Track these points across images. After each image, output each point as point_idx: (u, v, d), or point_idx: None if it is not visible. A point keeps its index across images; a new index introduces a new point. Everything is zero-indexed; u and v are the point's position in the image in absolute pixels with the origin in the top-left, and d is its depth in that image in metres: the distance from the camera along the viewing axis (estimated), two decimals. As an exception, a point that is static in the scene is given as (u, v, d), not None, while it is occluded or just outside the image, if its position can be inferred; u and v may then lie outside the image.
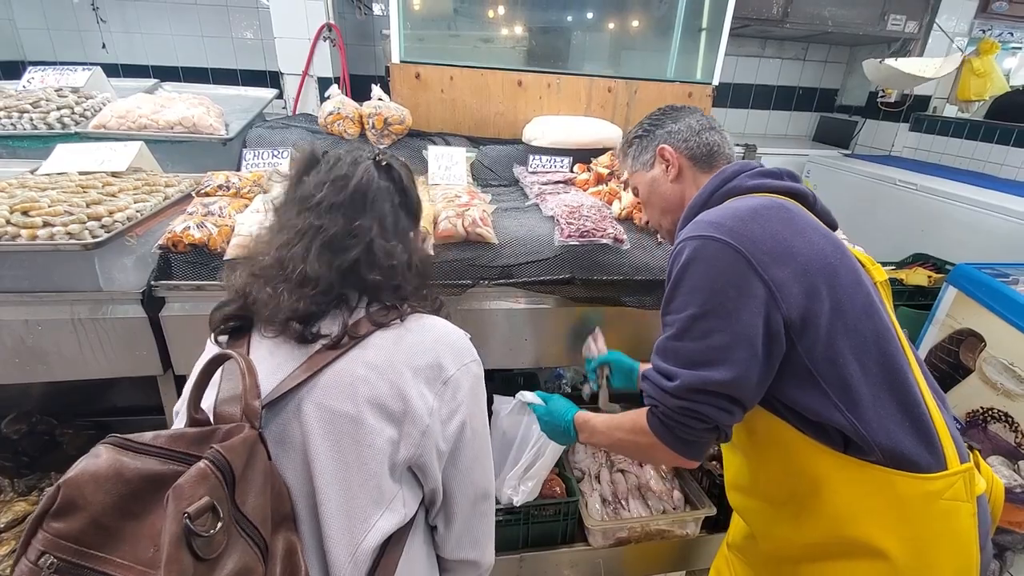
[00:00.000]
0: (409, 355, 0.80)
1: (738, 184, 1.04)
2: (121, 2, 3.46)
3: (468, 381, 0.85)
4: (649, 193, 1.21)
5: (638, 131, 1.23)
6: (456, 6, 2.94)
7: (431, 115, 2.14)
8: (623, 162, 1.29)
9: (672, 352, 0.94)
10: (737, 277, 0.88)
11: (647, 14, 3.04)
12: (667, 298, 0.97)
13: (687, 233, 0.95)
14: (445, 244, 1.42)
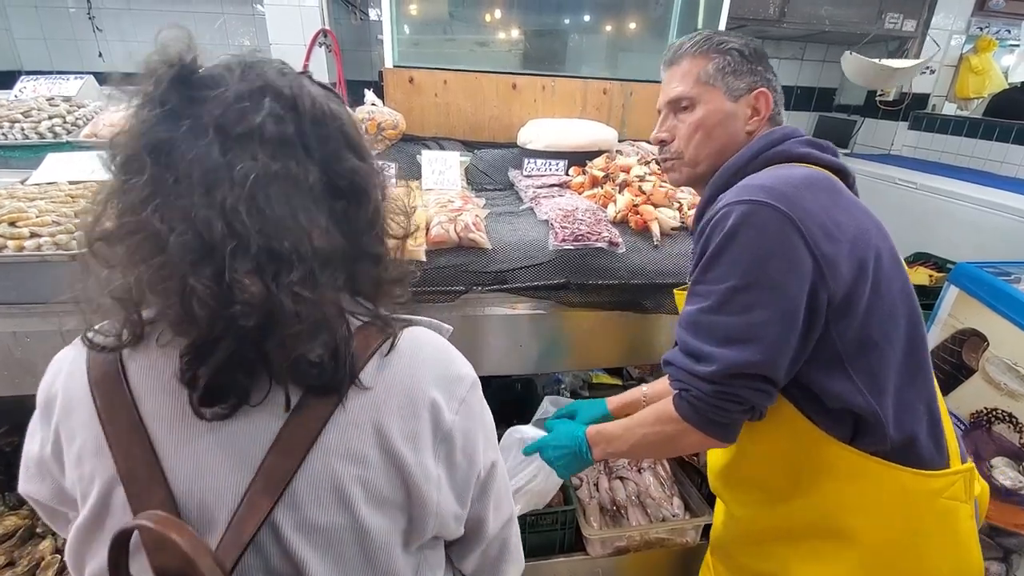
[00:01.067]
0: (397, 415, 0.61)
1: (786, 149, 0.96)
2: (117, 11, 3.47)
3: (470, 420, 0.67)
4: (713, 124, 1.01)
5: (740, 46, 1.01)
6: (451, 10, 2.95)
7: (425, 119, 2.13)
8: (692, 58, 1.03)
9: (706, 327, 0.86)
10: (788, 248, 0.82)
11: (642, 16, 3.03)
12: (704, 265, 0.88)
13: (734, 197, 0.86)
14: (438, 250, 1.41)
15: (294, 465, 0.55)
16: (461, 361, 0.70)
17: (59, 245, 1.26)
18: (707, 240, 0.89)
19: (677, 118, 1.06)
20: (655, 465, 1.75)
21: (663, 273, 1.48)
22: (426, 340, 0.68)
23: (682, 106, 1.04)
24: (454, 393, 0.66)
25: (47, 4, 3.41)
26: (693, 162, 1.05)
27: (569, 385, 2.24)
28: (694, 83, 1.02)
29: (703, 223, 0.92)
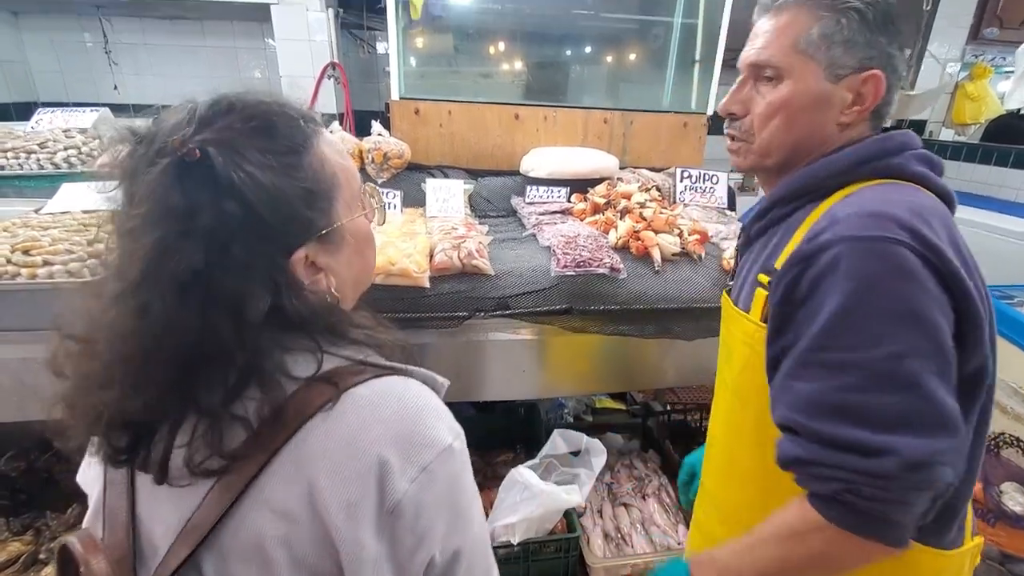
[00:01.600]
0: (335, 477, 0.53)
1: (901, 164, 0.77)
2: (133, 46, 3.58)
3: (430, 494, 0.56)
4: (798, 109, 0.81)
5: (864, 5, 0.77)
6: (456, 44, 3.03)
7: (430, 149, 2.18)
8: (797, 10, 0.80)
9: (860, 410, 0.66)
10: (940, 302, 0.66)
11: (642, 47, 3.11)
12: (831, 323, 0.67)
13: (856, 229, 0.68)
14: (442, 276, 1.43)
15: (217, 515, 0.54)
16: (438, 423, 0.59)
17: (71, 273, 1.29)
18: (817, 281, 0.69)
19: (756, 88, 0.85)
20: (659, 492, 1.73)
21: (664, 298, 1.49)
22: (397, 393, 0.59)
23: (765, 75, 0.83)
24: (414, 458, 0.55)
25: (65, 38, 3.52)
26: (763, 151, 0.86)
27: (572, 410, 2.24)
28: (789, 49, 0.80)
29: (803, 254, 0.72)
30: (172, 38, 3.58)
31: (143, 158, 0.53)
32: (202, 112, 0.55)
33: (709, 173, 2.10)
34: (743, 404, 0.90)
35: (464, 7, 2.73)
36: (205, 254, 0.51)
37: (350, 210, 0.64)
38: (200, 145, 0.51)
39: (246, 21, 3.49)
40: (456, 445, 0.59)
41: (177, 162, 0.51)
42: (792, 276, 0.73)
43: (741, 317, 0.87)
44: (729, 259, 1.57)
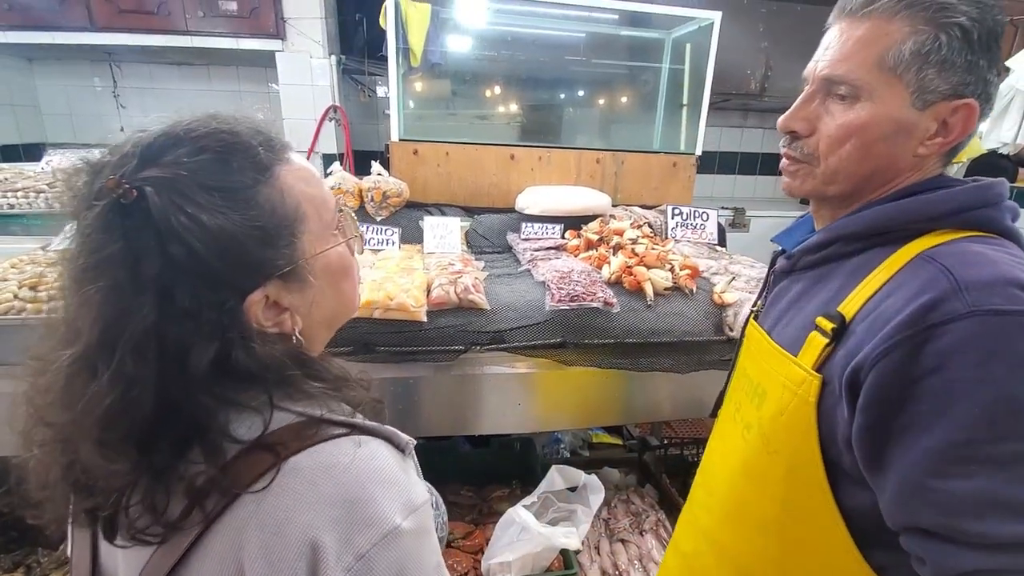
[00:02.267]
0: (261, 560, 0.48)
1: (997, 218, 0.69)
2: (141, 90, 3.71)
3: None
4: (876, 137, 0.71)
5: (970, 23, 0.66)
6: (454, 88, 3.16)
7: (428, 187, 2.25)
8: (887, 20, 0.68)
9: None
10: None
11: (632, 91, 3.24)
12: (989, 411, 0.57)
13: (999, 302, 0.58)
14: (439, 311, 1.46)
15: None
16: (386, 498, 0.51)
17: (75, 308, 1.31)
18: (949, 358, 0.59)
19: (825, 106, 0.75)
20: (657, 527, 1.72)
21: (657, 332, 1.52)
22: (343, 464, 0.51)
23: (839, 92, 0.72)
24: (351, 544, 0.48)
25: (76, 83, 3.65)
26: (829, 178, 0.76)
27: (569, 445, 2.23)
28: (872, 65, 0.69)
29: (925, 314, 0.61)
30: (180, 82, 3.71)
31: (84, 198, 0.50)
32: (147, 143, 0.51)
33: (699, 210, 2.16)
34: (772, 452, 0.80)
35: (461, 54, 2.85)
36: (156, 308, 0.47)
37: (321, 242, 0.60)
38: (138, 185, 0.48)
39: (251, 67, 3.63)
40: (406, 525, 0.50)
41: (113, 205, 0.47)
42: (909, 347, 0.61)
43: (785, 359, 0.77)
44: (721, 293, 1.60)
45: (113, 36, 2.97)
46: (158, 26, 2.97)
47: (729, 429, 0.94)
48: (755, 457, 0.84)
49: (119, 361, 0.47)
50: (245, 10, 2.99)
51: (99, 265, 0.48)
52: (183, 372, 0.49)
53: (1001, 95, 3.08)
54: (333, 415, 0.55)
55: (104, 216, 0.47)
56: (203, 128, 0.54)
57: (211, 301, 0.50)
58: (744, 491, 0.86)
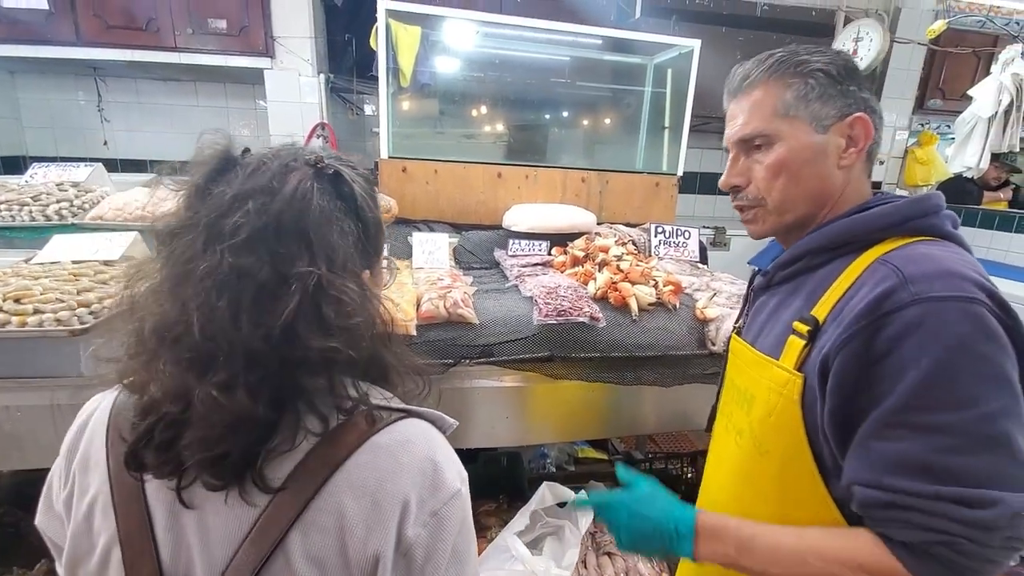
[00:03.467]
0: (362, 524, 0.57)
1: (937, 224, 0.79)
2: (126, 104, 3.69)
3: (438, 540, 0.60)
4: (800, 164, 0.83)
5: (826, 65, 0.82)
6: (442, 108, 3.21)
7: (416, 204, 2.27)
8: (765, 86, 0.84)
9: (960, 471, 0.65)
10: (1014, 363, 0.68)
11: (615, 113, 3.33)
12: (922, 385, 0.66)
13: (939, 290, 0.67)
14: (428, 325, 1.48)
15: (257, 563, 0.55)
16: (450, 467, 0.63)
17: (60, 321, 1.30)
18: (898, 340, 0.68)
19: (751, 158, 0.88)
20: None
21: (642, 346, 1.56)
22: (415, 439, 0.63)
23: (756, 144, 0.86)
24: (427, 503, 0.60)
25: (59, 96, 3.63)
26: (780, 209, 0.87)
27: (555, 460, 2.24)
28: (770, 116, 0.84)
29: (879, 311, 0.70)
30: (166, 98, 3.71)
31: (272, 167, 0.61)
32: (310, 148, 0.67)
33: (681, 228, 2.22)
34: (763, 453, 0.86)
35: (450, 75, 2.91)
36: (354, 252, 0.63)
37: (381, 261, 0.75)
38: (334, 165, 0.64)
39: (239, 84, 3.65)
40: (463, 490, 0.63)
41: (315, 172, 0.62)
42: (865, 335, 0.70)
43: (768, 363, 0.85)
44: (703, 308, 1.65)
45: (100, 51, 2.97)
46: (146, 42, 2.97)
47: (723, 440, 0.99)
48: (748, 460, 0.89)
49: (347, 286, 0.60)
50: (235, 28, 3.02)
51: (319, 210, 0.60)
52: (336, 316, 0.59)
53: (964, 122, 3.24)
54: (392, 402, 0.66)
55: (312, 177, 0.61)
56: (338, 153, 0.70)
57: (358, 268, 0.64)
58: (742, 494, 0.91)
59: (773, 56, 0.85)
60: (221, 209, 0.58)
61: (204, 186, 0.61)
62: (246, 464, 0.56)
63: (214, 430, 0.54)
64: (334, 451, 0.59)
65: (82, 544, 0.61)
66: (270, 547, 0.55)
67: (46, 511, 0.68)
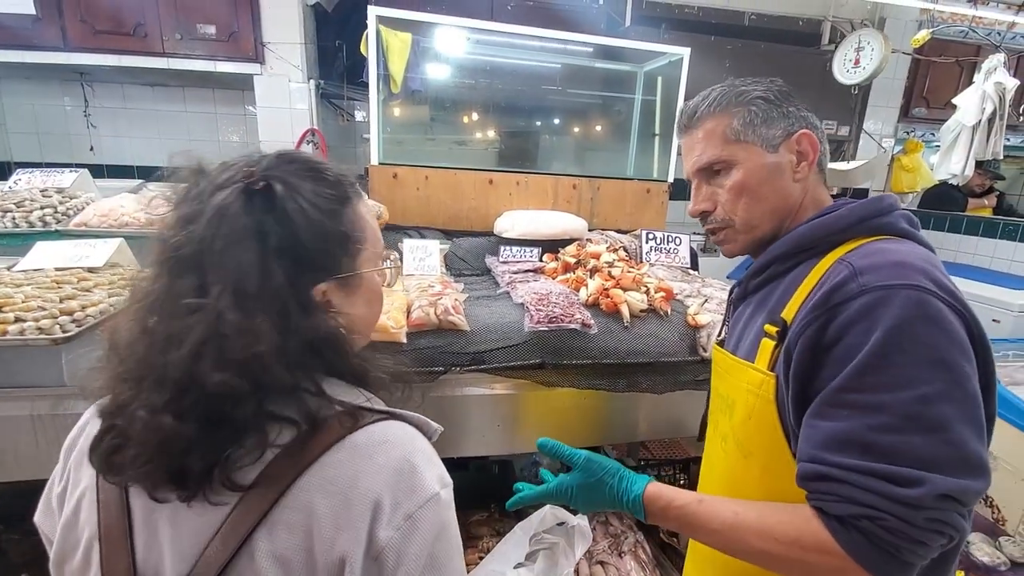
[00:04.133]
0: (331, 525, 0.56)
1: (892, 223, 0.83)
2: (113, 110, 3.66)
3: (412, 544, 0.57)
4: (760, 181, 0.89)
5: (763, 92, 0.90)
6: (433, 114, 3.21)
7: (407, 210, 2.26)
8: (712, 119, 0.91)
9: (890, 449, 0.67)
10: (965, 346, 0.69)
11: (606, 121, 3.35)
12: (863, 366, 0.69)
13: (886, 279, 0.71)
14: (418, 332, 1.46)
15: (223, 561, 0.55)
16: (429, 470, 0.61)
17: (43, 330, 1.27)
18: (847, 328, 0.72)
19: (713, 184, 0.93)
20: (636, 548, 1.72)
21: (634, 353, 1.55)
22: (395, 439, 0.62)
23: (715, 170, 0.92)
24: (401, 506, 0.57)
25: (45, 102, 3.59)
26: (748, 227, 0.92)
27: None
28: (722, 143, 0.90)
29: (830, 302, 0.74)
30: (153, 103, 3.68)
31: (211, 184, 0.61)
32: (270, 156, 0.65)
33: (672, 235, 2.23)
34: (746, 455, 0.89)
35: (440, 82, 2.91)
36: (282, 272, 0.59)
37: (371, 263, 0.72)
38: (264, 178, 0.60)
39: (228, 89, 3.62)
40: (443, 495, 0.61)
41: (244, 188, 0.60)
42: (818, 324, 0.74)
43: (745, 367, 0.88)
44: (694, 315, 1.65)
45: (87, 56, 2.94)
46: (134, 47, 2.95)
47: (712, 447, 1.02)
48: (735, 465, 0.92)
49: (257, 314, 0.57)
50: (224, 34, 3.01)
51: (235, 232, 0.58)
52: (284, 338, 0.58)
53: (949, 131, 3.29)
54: (374, 404, 0.66)
55: (238, 196, 0.59)
56: (308, 156, 0.68)
57: (298, 278, 0.61)
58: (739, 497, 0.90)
59: (715, 91, 0.92)
60: (168, 235, 0.61)
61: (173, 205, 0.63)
62: (203, 475, 0.55)
63: (146, 447, 0.55)
64: (307, 450, 0.58)
65: (69, 538, 0.62)
66: (236, 545, 0.55)
67: (44, 509, 0.70)
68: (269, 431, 0.58)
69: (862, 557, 0.67)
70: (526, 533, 1.54)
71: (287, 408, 0.59)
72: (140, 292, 0.61)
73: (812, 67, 3.85)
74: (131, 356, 0.59)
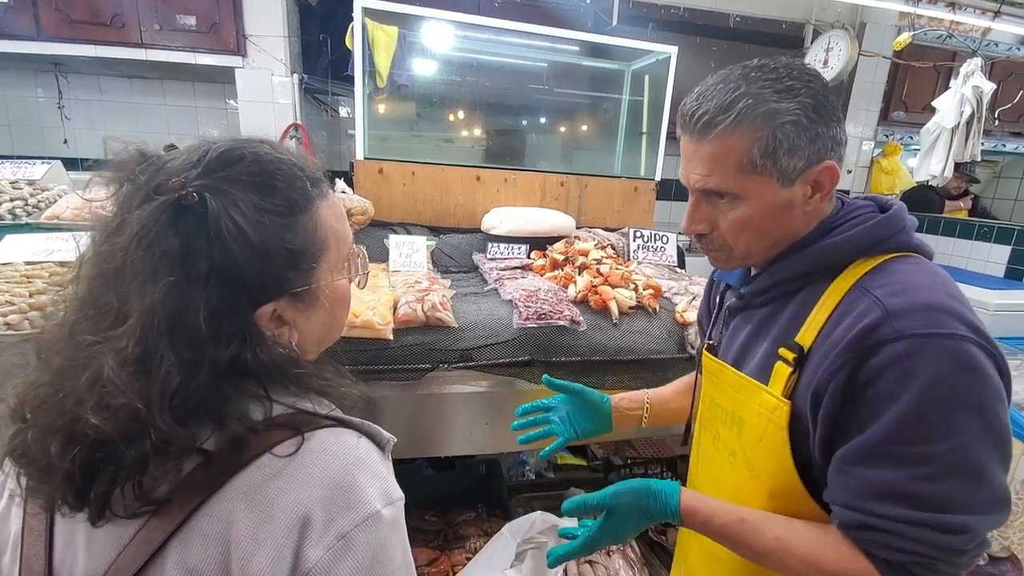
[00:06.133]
0: (250, 539, 0.50)
1: (907, 240, 0.80)
2: (88, 102, 3.55)
3: (346, 566, 0.51)
4: (767, 219, 0.81)
5: (796, 114, 0.75)
6: (419, 110, 3.18)
7: (393, 206, 2.23)
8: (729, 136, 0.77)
9: (938, 497, 0.68)
10: (999, 388, 0.70)
11: (593, 119, 3.35)
12: (902, 418, 0.69)
13: (921, 326, 0.69)
14: (405, 328, 1.43)
15: (133, 570, 0.51)
16: (372, 485, 0.55)
17: (10, 325, 1.23)
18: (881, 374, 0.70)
19: (714, 206, 0.84)
20: (624, 547, 1.71)
21: (622, 350, 1.54)
22: (331, 449, 0.56)
23: (719, 195, 0.82)
24: (333, 524, 0.52)
25: (17, 93, 3.47)
26: (744, 257, 0.88)
27: (534, 467, 2.21)
28: (734, 173, 0.78)
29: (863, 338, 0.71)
30: (130, 96, 3.58)
31: (141, 190, 0.54)
32: (212, 156, 0.56)
33: (660, 233, 2.23)
34: (756, 476, 0.87)
35: (427, 77, 2.88)
36: (204, 303, 0.52)
37: (334, 273, 0.65)
38: (199, 190, 0.53)
39: (209, 82, 3.54)
40: (385, 512, 0.54)
41: (174, 203, 0.52)
42: (851, 367, 0.72)
43: (758, 389, 0.85)
44: (682, 312, 1.64)
45: (62, 46, 2.84)
46: (111, 38, 2.86)
47: (714, 458, 1.00)
48: (742, 482, 0.91)
49: (174, 346, 0.51)
50: (204, 25, 2.93)
51: (156, 258, 0.51)
52: (212, 362, 0.53)
53: (929, 132, 3.34)
54: (320, 410, 0.60)
55: (165, 211, 0.52)
56: (263, 153, 0.59)
57: (232, 305, 0.54)
58: None
59: (739, 97, 0.76)
60: (96, 240, 0.56)
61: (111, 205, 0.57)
62: (103, 497, 0.51)
63: (34, 468, 0.53)
64: (236, 456, 0.53)
65: (1, 533, 0.60)
66: (148, 553, 0.51)
67: None
68: (184, 444, 0.52)
69: None
70: (514, 536, 1.52)
71: (214, 414, 0.54)
72: (64, 297, 0.57)
73: (795, 69, 3.90)
74: (45, 367, 0.55)
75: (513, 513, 1.84)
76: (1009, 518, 2.03)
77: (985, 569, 1.74)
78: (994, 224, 3.82)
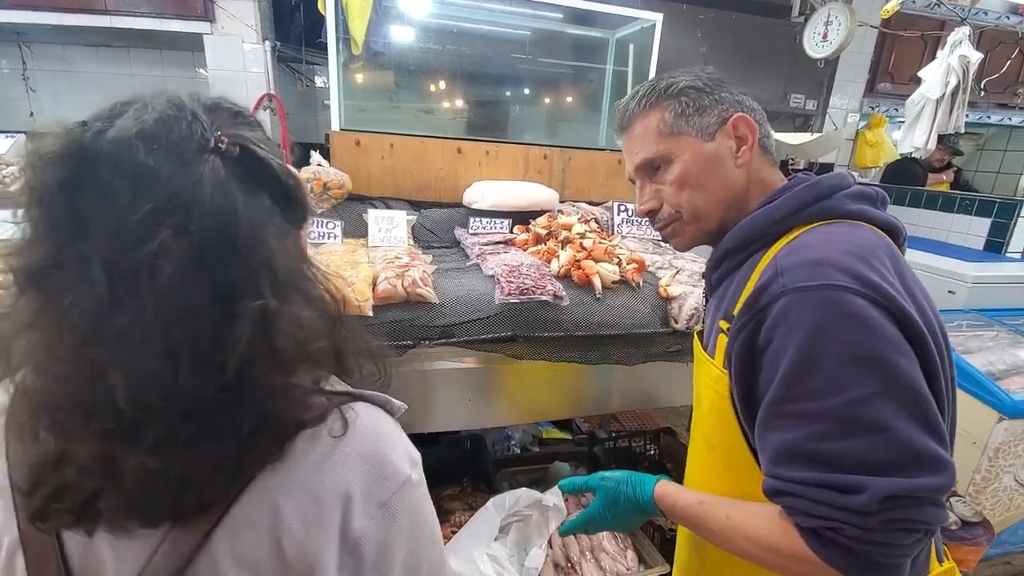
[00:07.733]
0: (298, 520, 0.52)
1: (835, 206, 0.80)
2: (53, 73, 3.39)
3: (390, 532, 0.55)
4: (701, 171, 0.87)
5: (691, 81, 0.88)
6: (398, 80, 3.08)
7: (372, 180, 2.17)
8: (644, 117, 0.90)
9: (833, 457, 0.66)
10: (895, 339, 0.66)
11: (577, 91, 3.27)
12: (791, 374, 0.68)
13: (800, 280, 0.69)
14: (385, 305, 1.41)
15: (178, 568, 0.49)
16: (398, 451, 0.58)
17: (-30, 305, 1.17)
18: (772, 332, 0.71)
19: (655, 181, 0.92)
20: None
21: (606, 324, 1.53)
22: (359, 425, 0.57)
23: (655, 167, 0.90)
24: (373, 494, 0.55)
25: (-24, 64, 3.30)
26: (695, 218, 0.90)
27: (519, 441, 2.22)
28: (657, 139, 0.88)
29: (756, 305, 0.74)
30: (96, 65, 3.42)
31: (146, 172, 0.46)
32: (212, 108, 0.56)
33: (644, 206, 2.20)
34: (711, 448, 0.92)
35: (405, 45, 2.79)
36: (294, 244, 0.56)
37: None
38: (236, 141, 0.51)
39: (177, 50, 3.39)
40: (415, 476, 0.59)
41: (222, 159, 0.50)
42: (750, 327, 0.74)
43: (708, 362, 0.89)
44: (666, 286, 1.63)
45: (23, 14, 2.70)
46: (74, 5, 2.71)
47: (694, 443, 1.04)
48: (703, 456, 0.96)
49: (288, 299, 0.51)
50: (170, -11, 2.79)
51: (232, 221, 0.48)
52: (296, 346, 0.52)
53: (913, 104, 3.33)
54: (335, 386, 0.60)
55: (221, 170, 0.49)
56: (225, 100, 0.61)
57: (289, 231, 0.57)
58: (703, 488, 0.94)
59: (644, 88, 0.91)
60: (117, 239, 0.44)
61: (67, 202, 0.45)
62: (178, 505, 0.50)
63: (141, 493, 0.47)
64: (272, 441, 0.52)
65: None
66: (192, 548, 0.49)
67: None
68: None
69: (842, 566, 0.67)
70: (498, 510, 1.53)
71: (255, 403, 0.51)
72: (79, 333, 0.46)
73: (782, 39, 3.83)
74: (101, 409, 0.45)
75: (498, 487, 1.86)
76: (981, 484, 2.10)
77: (958, 533, 1.80)
78: (975, 197, 3.86)
